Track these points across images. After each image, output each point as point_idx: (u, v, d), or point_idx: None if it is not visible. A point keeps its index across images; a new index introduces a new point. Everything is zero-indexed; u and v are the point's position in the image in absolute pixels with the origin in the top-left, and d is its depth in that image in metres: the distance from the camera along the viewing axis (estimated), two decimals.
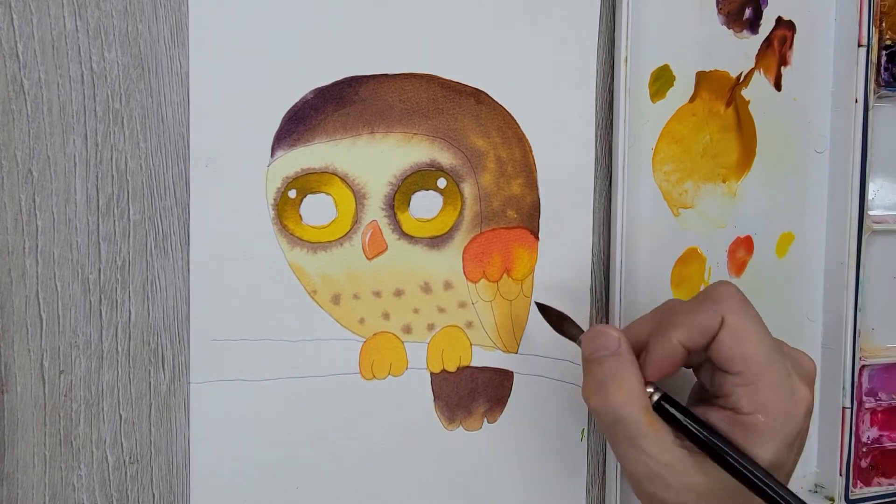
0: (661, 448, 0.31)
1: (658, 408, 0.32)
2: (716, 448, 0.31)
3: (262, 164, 0.35)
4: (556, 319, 0.37)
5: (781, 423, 0.31)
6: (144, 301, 0.34)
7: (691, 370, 0.35)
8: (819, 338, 0.47)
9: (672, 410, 0.32)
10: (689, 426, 0.32)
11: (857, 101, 0.45)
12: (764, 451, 0.30)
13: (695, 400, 0.36)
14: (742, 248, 0.45)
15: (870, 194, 0.47)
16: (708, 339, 0.31)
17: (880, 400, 0.48)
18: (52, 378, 0.33)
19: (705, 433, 0.31)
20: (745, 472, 0.30)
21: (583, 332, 0.36)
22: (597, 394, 0.32)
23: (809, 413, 0.31)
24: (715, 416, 0.32)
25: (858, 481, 0.47)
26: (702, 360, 0.34)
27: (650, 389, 0.33)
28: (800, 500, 0.29)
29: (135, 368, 0.34)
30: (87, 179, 0.33)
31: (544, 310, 0.38)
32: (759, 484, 0.30)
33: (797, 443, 0.32)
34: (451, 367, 0.39)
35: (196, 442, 0.35)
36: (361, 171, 0.36)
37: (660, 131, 0.42)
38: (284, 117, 0.35)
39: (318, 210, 0.36)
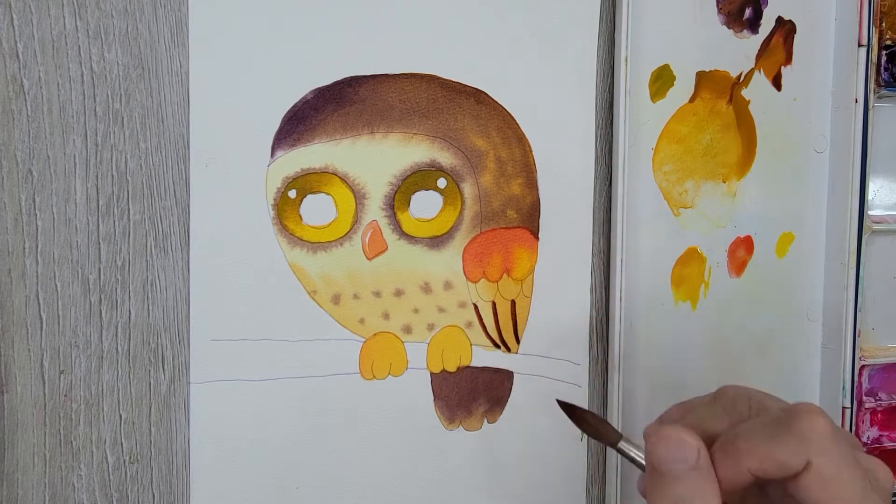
0: None
1: None
2: None
3: (262, 164, 0.35)
4: (593, 424, 0.31)
5: None
6: (144, 301, 0.34)
7: None
8: (819, 338, 0.47)
9: None
10: None
11: (857, 101, 0.45)
12: None
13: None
14: (742, 248, 0.45)
15: (870, 194, 0.47)
16: (787, 475, 0.27)
17: (880, 400, 0.48)
18: (52, 378, 0.33)
19: None
20: None
21: (621, 436, 0.31)
22: None
23: None
24: None
25: None
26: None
27: None
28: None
29: (135, 368, 0.34)
30: (87, 179, 0.33)
31: (570, 410, 0.31)
32: None
33: None
34: (451, 367, 0.39)
35: (196, 442, 0.35)
36: (361, 171, 0.36)
37: (660, 131, 0.42)
38: (284, 117, 0.35)
39: (318, 210, 0.36)
